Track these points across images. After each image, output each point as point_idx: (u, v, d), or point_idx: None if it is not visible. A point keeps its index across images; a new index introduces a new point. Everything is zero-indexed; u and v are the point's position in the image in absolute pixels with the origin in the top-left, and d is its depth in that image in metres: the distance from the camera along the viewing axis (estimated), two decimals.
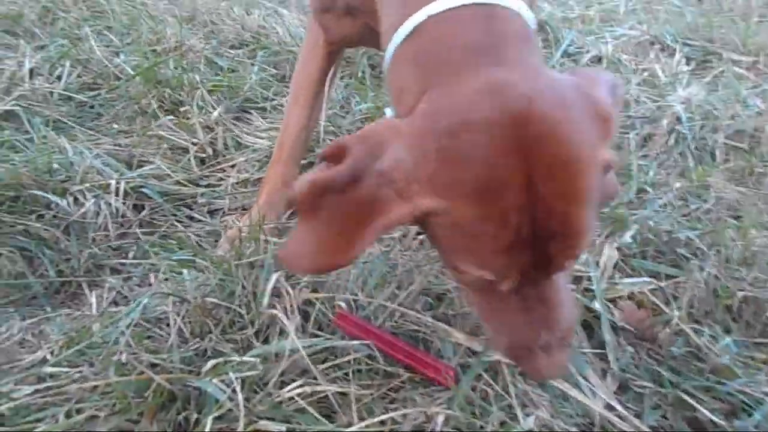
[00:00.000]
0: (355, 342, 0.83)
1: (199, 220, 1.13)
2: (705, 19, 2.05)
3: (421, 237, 1.06)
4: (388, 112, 0.75)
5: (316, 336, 0.85)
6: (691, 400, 0.85)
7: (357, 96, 1.46)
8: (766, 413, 0.81)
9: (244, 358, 0.76)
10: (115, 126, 1.37)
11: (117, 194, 1.11)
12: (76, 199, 1.09)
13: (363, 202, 0.61)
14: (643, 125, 1.50)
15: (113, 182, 1.12)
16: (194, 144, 1.29)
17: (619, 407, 0.83)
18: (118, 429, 0.70)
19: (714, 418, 0.83)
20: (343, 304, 0.88)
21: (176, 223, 1.10)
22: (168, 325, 0.85)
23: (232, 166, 1.27)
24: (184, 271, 0.92)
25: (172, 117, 1.35)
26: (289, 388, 0.76)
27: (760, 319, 0.98)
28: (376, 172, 0.60)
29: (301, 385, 0.77)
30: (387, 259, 0.96)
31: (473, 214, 0.58)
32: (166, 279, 0.94)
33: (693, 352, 0.93)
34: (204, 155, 1.30)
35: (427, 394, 0.80)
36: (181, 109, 1.39)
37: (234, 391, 0.72)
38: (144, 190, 1.14)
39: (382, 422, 0.76)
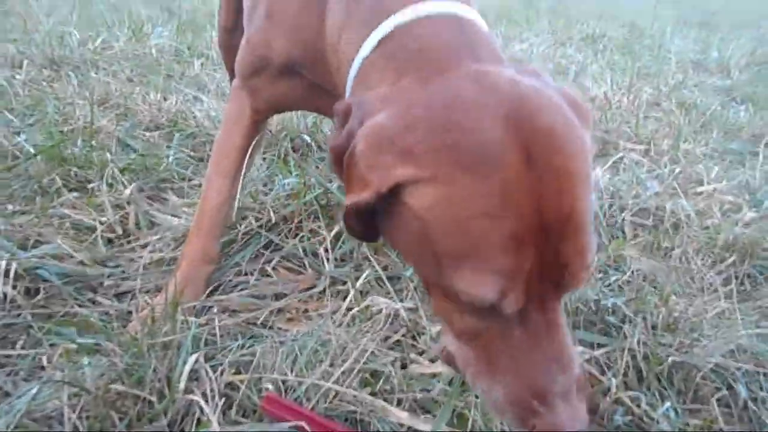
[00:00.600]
0: (286, 428, 0.73)
1: (105, 304, 1.01)
2: (600, 113, 2.26)
3: (354, 311, 1.00)
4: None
5: (240, 423, 0.75)
6: None
7: (280, 174, 1.43)
8: None
9: None
10: (10, 207, 1.24)
11: (7, 277, 0.98)
12: None
13: (346, 173, 0.59)
14: None
15: (2, 264, 0.99)
16: (102, 223, 1.18)
17: None
18: None
19: None
20: (270, 386, 0.79)
21: (77, 307, 0.97)
22: (61, 423, 0.72)
23: (144, 246, 1.17)
24: (85, 357, 0.80)
25: (77, 194, 1.25)
26: None
27: (690, 385, 0.99)
28: (355, 141, 0.57)
29: None
30: (318, 335, 0.89)
31: (467, 186, 0.52)
32: (62, 370, 0.81)
33: (634, 421, 0.91)
34: (112, 235, 1.19)
35: None
36: (89, 186, 1.29)
37: None
38: (39, 271, 1.02)
39: None
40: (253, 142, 1.04)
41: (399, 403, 0.83)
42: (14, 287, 0.98)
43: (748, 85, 3.19)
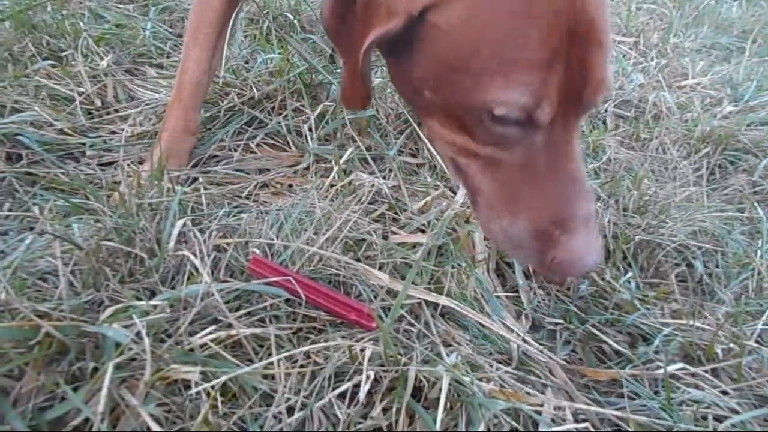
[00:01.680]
0: (272, 287, 0.77)
1: (89, 173, 1.01)
2: None
3: (337, 187, 1.02)
4: None
5: (228, 283, 0.79)
6: (598, 333, 0.89)
7: (262, 51, 1.39)
8: (662, 341, 0.87)
9: (150, 302, 0.69)
10: None
11: None
12: None
13: (364, 14, 0.58)
14: None
15: None
16: (80, 94, 1.16)
17: (534, 342, 0.85)
18: None
19: (619, 348, 0.87)
20: (257, 251, 0.83)
21: (61, 176, 0.97)
22: (56, 276, 0.75)
23: (125, 119, 1.15)
24: (74, 218, 0.82)
25: (52, 63, 1.21)
26: (201, 334, 0.70)
27: (652, 262, 1.06)
28: None
29: (214, 331, 0.70)
30: (303, 206, 0.92)
31: (495, 9, 0.52)
32: (53, 227, 0.83)
33: (598, 291, 0.98)
34: (91, 107, 1.17)
35: (349, 336, 0.77)
36: (63, 55, 1.24)
37: (139, 335, 0.64)
38: (20, 138, 1.00)
39: (303, 365, 0.72)
40: (234, 11, 0.99)
41: (380, 268, 0.87)
42: None
43: None
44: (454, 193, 1.08)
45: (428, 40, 0.57)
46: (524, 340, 0.85)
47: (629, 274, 0.99)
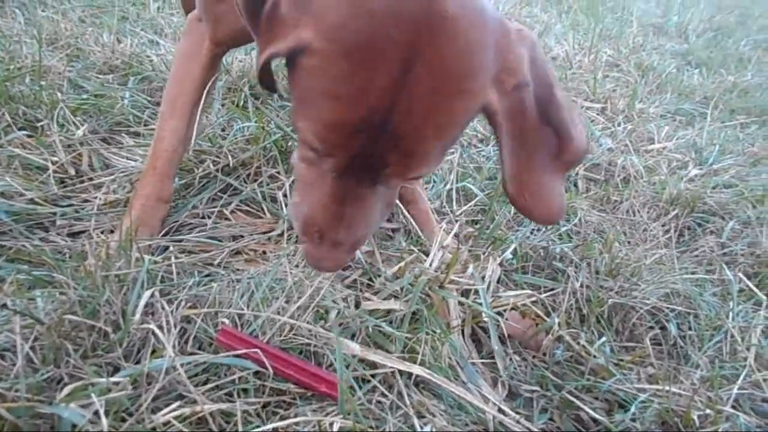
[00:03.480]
0: (240, 359, 0.75)
1: (58, 243, 1.00)
2: (560, 72, 2.29)
3: None
4: None
5: (196, 355, 0.77)
6: (575, 400, 0.87)
7: (239, 119, 1.41)
8: (639, 408, 0.86)
9: (111, 379, 0.66)
10: None
11: None
12: None
13: (266, 24, 0.61)
14: None
15: None
16: (53, 163, 1.16)
17: (510, 412, 0.84)
18: None
19: (596, 416, 0.86)
20: (226, 321, 0.81)
21: (28, 246, 0.96)
22: (14, 353, 0.72)
23: (98, 187, 1.15)
24: (37, 291, 0.80)
25: (27, 133, 1.21)
26: (164, 411, 0.67)
27: (627, 325, 1.06)
28: None
29: (178, 407, 0.68)
30: (275, 273, 0.91)
31: (341, 66, 0.55)
32: (13, 302, 0.80)
33: (573, 357, 0.97)
34: (65, 176, 1.16)
35: (320, 409, 0.74)
36: (39, 125, 1.25)
37: (97, 415, 0.61)
38: None
39: None
40: (211, 80, 1.01)
41: (352, 337, 0.86)
42: None
43: (703, 49, 3.27)
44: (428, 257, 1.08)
45: (295, 69, 0.62)
46: (500, 410, 0.83)
47: (603, 338, 0.98)
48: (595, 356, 0.95)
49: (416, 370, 0.82)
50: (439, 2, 0.55)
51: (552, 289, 1.10)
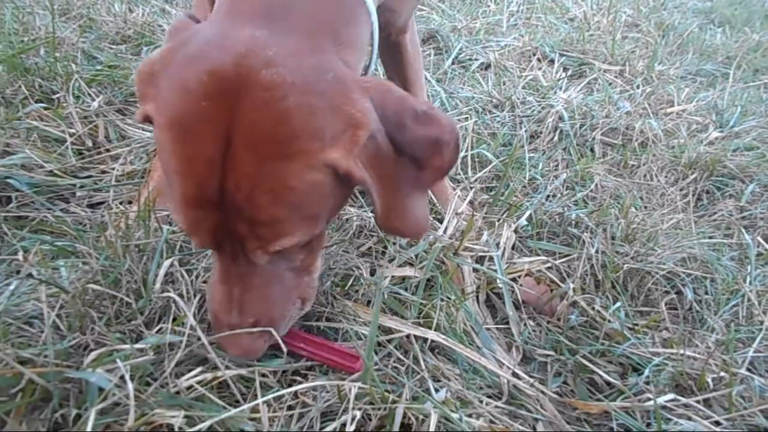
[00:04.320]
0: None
1: (78, 214, 1.02)
2: (578, 33, 2.23)
3: None
4: None
5: None
6: (589, 364, 0.88)
7: None
8: (653, 371, 0.87)
9: (135, 345, 0.68)
10: None
11: None
12: None
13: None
14: (530, 123, 1.59)
15: None
16: (71, 135, 1.17)
17: (524, 376, 0.85)
18: None
19: (610, 379, 0.87)
20: None
21: (50, 217, 0.98)
22: (41, 321, 0.75)
23: (115, 158, 1.16)
24: (60, 261, 0.82)
25: (44, 105, 1.22)
26: (187, 376, 0.69)
27: (642, 290, 1.06)
28: None
29: (200, 372, 0.70)
30: None
31: (167, 140, 0.58)
32: (38, 271, 0.83)
33: (588, 322, 0.97)
34: (82, 147, 1.18)
35: (337, 377, 0.76)
36: (55, 98, 1.26)
37: (122, 380, 0.64)
38: (10, 181, 1.01)
39: (291, 406, 0.71)
40: None
41: (368, 304, 0.87)
42: None
43: (727, 7, 3.16)
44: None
45: None
46: (514, 374, 0.84)
47: (618, 304, 0.99)
48: (609, 321, 0.95)
49: (431, 335, 0.84)
50: (252, 75, 0.55)
51: (567, 255, 1.10)
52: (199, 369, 0.71)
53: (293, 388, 0.71)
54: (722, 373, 0.85)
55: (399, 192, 0.67)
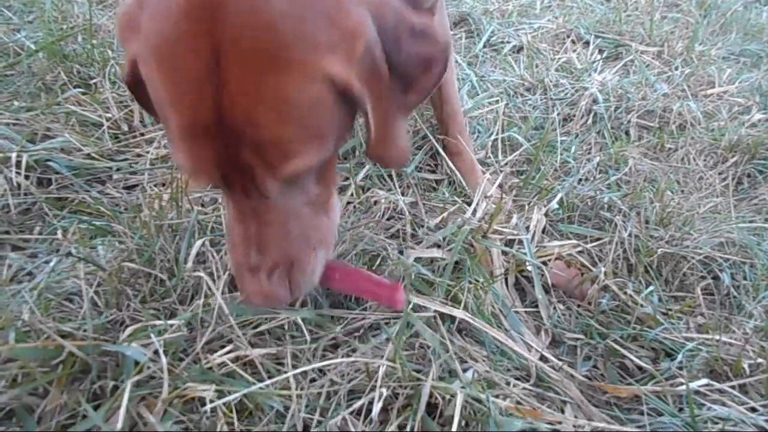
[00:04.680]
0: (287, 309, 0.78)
1: (115, 196, 1.05)
2: (614, 14, 2.17)
3: (355, 202, 1.04)
4: None
5: None
6: (620, 349, 0.87)
7: None
8: (686, 356, 0.85)
9: (168, 322, 0.70)
10: (16, 103, 1.25)
11: (18, 168, 1.01)
12: None
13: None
14: (563, 106, 1.55)
15: (13, 155, 1.02)
16: (108, 119, 1.20)
17: (553, 359, 0.84)
18: (20, 402, 0.62)
19: (641, 363, 0.85)
20: None
21: (88, 198, 1.01)
22: (80, 297, 0.77)
23: (150, 142, 1.19)
24: (98, 240, 0.85)
25: (82, 90, 1.26)
26: (220, 352, 0.71)
27: (677, 275, 1.03)
28: None
29: (231, 350, 0.72)
30: None
31: (158, 75, 0.54)
32: (77, 249, 0.86)
33: (619, 306, 0.96)
34: (118, 131, 1.21)
35: (366, 351, 0.77)
36: (92, 83, 1.29)
37: (157, 354, 0.66)
38: (51, 164, 1.05)
39: (319, 384, 0.73)
40: None
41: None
42: (26, 177, 1.01)
43: None
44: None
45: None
46: (542, 357, 0.84)
47: (651, 288, 0.97)
48: (642, 305, 0.93)
49: (459, 314, 0.84)
50: None
51: (599, 239, 1.08)
52: (231, 346, 0.72)
53: (321, 363, 0.72)
54: (759, 360, 0.82)
55: (389, 116, 0.63)
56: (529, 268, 0.97)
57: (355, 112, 0.64)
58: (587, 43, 1.99)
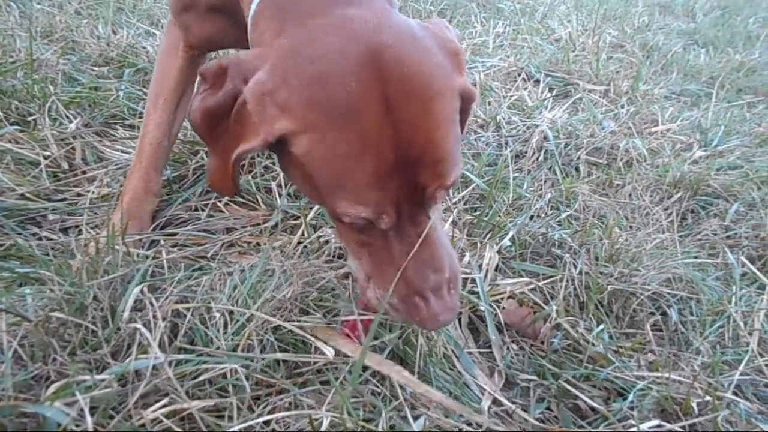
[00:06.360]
0: (230, 355, 0.75)
1: (49, 239, 0.99)
2: (563, 54, 2.25)
3: (305, 242, 1.01)
4: None
5: (187, 351, 0.76)
6: (572, 389, 0.86)
7: None
8: (637, 395, 0.85)
9: (97, 376, 0.65)
10: None
11: None
12: None
13: (235, 126, 0.64)
14: (515, 143, 1.58)
15: None
16: (46, 157, 1.15)
17: (507, 403, 0.82)
18: None
19: (594, 404, 0.84)
20: (217, 315, 0.80)
21: (19, 242, 0.95)
22: (1, 351, 0.72)
23: (91, 180, 1.14)
24: (26, 288, 0.79)
25: (19, 128, 1.20)
26: (153, 408, 0.67)
27: (627, 311, 1.04)
28: (242, 97, 0.62)
29: (167, 404, 0.67)
30: (265, 265, 0.90)
31: (333, 136, 0.60)
32: (1, 300, 0.80)
33: (571, 345, 0.95)
34: (58, 170, 1.16)
35: (315, 396, 0.74)
36: (30, 119, 1.24)
37: (81, 415, 0.61)
38: None
39: None
40: (195, 77, 1.02)
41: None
42: None
43: (710, 28, 3.21)
44: None
45: (288, 160, 0.66)
46: (495, 400, 0.82)
47: (602, 326, 0.97)
48: (593, 344, 0.93)
49: (398, 375, 0.81)
50: (377, 41, 0.61)
51: (551, 277, 1.08)
52: (166, 400, 0.68)
53: (264, 418, 0.68)
54: (708, 398, 0.82)
55: None
56: (482, 307, 0.96)
57: None
58: (537, 81, 2.05)
